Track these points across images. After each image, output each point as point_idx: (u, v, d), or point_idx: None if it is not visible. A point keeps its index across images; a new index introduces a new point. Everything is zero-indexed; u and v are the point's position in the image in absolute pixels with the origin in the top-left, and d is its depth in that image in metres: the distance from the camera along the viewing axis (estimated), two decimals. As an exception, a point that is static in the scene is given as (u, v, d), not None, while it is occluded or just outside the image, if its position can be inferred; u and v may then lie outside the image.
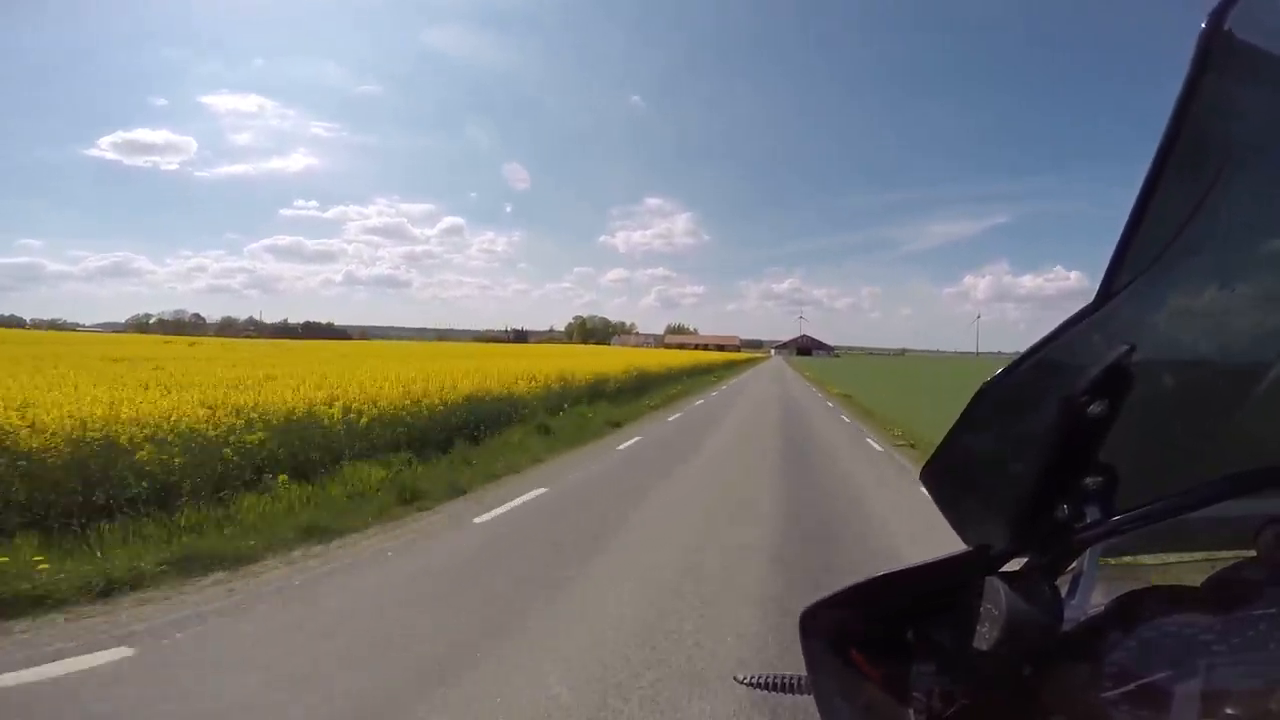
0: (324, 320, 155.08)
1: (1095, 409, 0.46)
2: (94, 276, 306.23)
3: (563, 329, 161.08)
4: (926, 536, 4.70)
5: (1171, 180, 0.40)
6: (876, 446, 10.86)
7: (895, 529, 5.42)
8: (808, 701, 0.55)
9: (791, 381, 34.22)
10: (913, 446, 10.59)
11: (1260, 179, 0.42)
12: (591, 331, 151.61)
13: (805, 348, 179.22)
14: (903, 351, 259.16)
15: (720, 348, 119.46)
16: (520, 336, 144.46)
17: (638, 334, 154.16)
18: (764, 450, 9.71)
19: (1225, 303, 0.45)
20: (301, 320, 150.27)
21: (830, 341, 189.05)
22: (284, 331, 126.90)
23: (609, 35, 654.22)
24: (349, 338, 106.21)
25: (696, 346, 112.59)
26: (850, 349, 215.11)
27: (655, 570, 4.16)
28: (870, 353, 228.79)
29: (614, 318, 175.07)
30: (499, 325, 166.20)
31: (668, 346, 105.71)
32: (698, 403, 18.26)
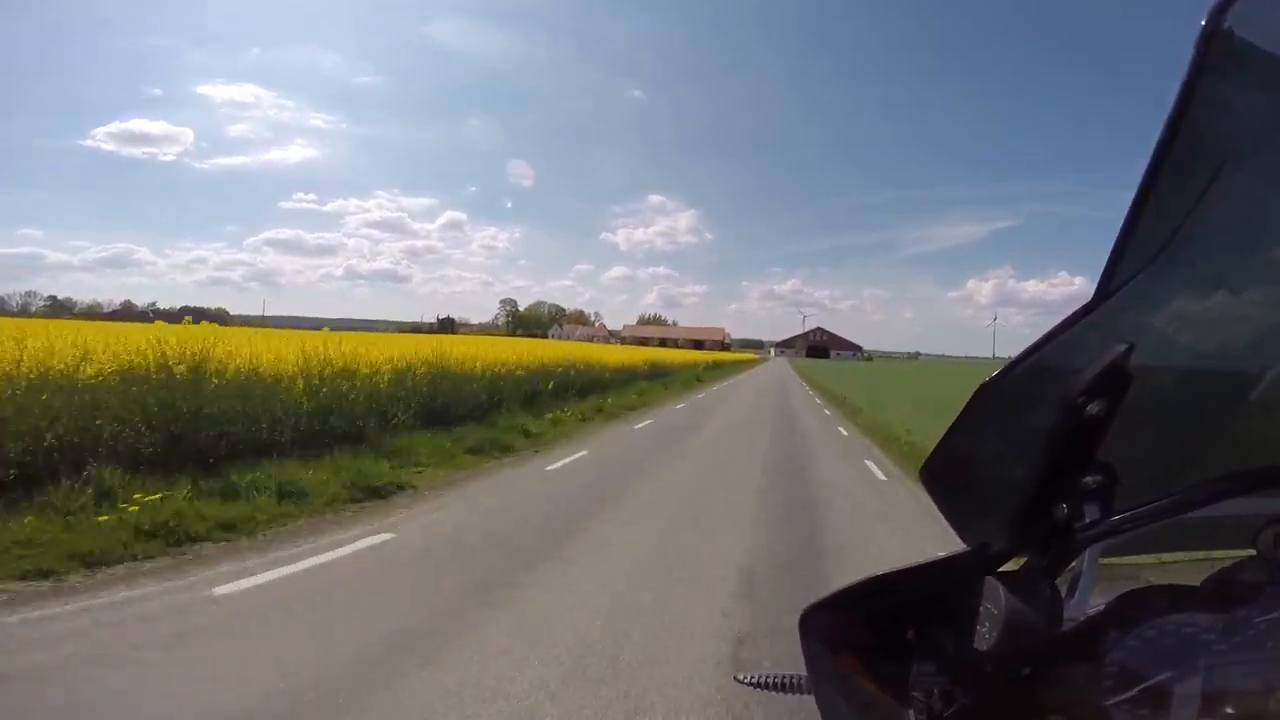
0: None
1: (1094, 408, 0.53)
2: (94, 266, 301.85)
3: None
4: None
5: (1169, 180, 0.46)
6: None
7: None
8: (808, 701, 0.62)
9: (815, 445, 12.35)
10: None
11: (1258, 179, 0.50)
12: (524, 320, 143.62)
13: (820, 346, 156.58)
14: (916, 354, 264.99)
15: (698, 344, 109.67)
16: (447, 325, 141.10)
17: (592, 326, 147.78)
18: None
19: (1224, 302, 0.53)
20: (184, 308, 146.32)
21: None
22: (134, 316, 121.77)
23: (614, 30, 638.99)
24: (226, 324, 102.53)
25: (664, 342, 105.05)
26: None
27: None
28: (884, 357, 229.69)
29: (613, 314, 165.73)
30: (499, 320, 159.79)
31: (625, 342, 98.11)
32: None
